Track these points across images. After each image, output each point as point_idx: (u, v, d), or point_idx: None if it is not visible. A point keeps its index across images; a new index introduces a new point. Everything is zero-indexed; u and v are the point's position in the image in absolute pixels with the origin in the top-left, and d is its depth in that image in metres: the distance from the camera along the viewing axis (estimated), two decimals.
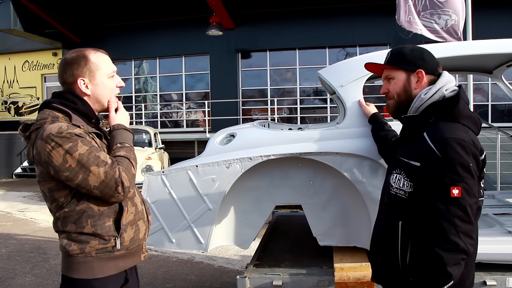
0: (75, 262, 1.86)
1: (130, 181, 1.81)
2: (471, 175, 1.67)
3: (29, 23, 15.46)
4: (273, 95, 16.84)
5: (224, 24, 15.89)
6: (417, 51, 1.97)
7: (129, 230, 1.95)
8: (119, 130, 1.99)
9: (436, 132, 1.76)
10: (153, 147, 10.81)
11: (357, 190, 2.82)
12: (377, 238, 2.06)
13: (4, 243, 6.76)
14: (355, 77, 2.83)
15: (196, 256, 5.80)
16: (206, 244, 3.02)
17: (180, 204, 3.02)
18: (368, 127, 2.75)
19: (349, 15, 15.12)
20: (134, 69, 18.39)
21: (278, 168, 3.04)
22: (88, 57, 1.93)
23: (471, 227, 1.67)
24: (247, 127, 3.29)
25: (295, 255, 3.29)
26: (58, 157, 1.72)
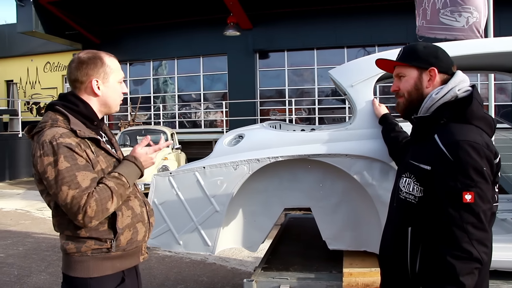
0: (72, 261, 1.90)
1: (97, 213, 1.76)
2: (485, 180, 1.58)
3: (50, 25, 15.67)
4: (291, 96, 16.75)
5: (242, 24, 15.86)
6: (431, 48, 1.88)
7: (126, 232, 1.95)
8: (130, 163, 1.98)
9: (447, 134, 1.67)
10: (170, 147, 10.82)
11: (367, 193, 2.74)
12: (386, 244, 1.99)
13: (22, 241, 6.85)
14: (365, 77, 2.76)
15: (209, 257, 5.77)
16: (213, 246, 2.98)
17: (187, 205, 2.98)
18: (379, 128, 2.66)
19: (368, 14, 14.92)
20: (153, 69, 18.49)
21: (287, 170, 2.97)
22: (104, 60, 1.98)
23: (485, 234, 1.58)
24: (256, 128, 3.24)
25: (304, 258, 3.22)
26: (42, 165, 1.78)
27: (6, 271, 5.47)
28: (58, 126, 1.84)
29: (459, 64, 3.08)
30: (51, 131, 1.81)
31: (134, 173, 1.96)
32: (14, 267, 5.60)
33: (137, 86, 18.93)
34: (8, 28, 19.98)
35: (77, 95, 1.97)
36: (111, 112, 2.11)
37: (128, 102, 17.87)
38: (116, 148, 2.18)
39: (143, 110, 18.37)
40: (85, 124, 1.94)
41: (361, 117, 2.76)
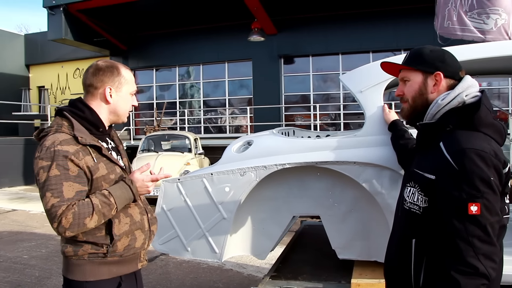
0: (70, 264, 1.95)
1: (72, 225, 1.78)
2: (492, 190, 1.49)
3: (79, 32, 16.05)
4: (316, 101, 16.63)
5: (266, 29, 15.86)
6: (437, 52, 1.80)
7: (123, 239, 1.98)
8: (125, 185, 1.97)
9: (453, 142, 1.58)
10: (193, 152, 10.89)
11: (377, 201, 2.67)
12: (391, 256, 1.91)
13: (45, 244, 6.98)
14: (374, 83, 2.69)
15: (226, 264, 5.74)
16: (221, 253, 2.96)
17: (195, 212, 2.97)
18: (388, 135, 2.59)
19: (393, 18, 14.71)
20: (178, 75, 18.68)
21: (296, 177, 2.93)
22: (120, 70, 2.05)
23: (493, 248, 1.48)
24: (265, 134, 3.21)
25: (315, 267, 3.16)
26: (36, 167, 1.84)
27: (28, 272, 5.58)
28: (62, 131, 1.89)
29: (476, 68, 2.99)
30: (53, 136, 1.86)
31: (125, 196, 1.95)
32: (35, 268, 5.70)
33: (163, 92, 19.16)
34: (40, 36, 20.60)
35: (84, 102, 2.03)
36: (119, 122, 2.15)
37: (154, 107, 18.09)
38: (122, 155, 2.21)
39: (168, 115, 18.57)
40: (89, 130, 1.98)
41: (370, 124, 2.69)
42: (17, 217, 9.35)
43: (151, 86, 19.19)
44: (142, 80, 19.40)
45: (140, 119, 19.27)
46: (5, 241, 7.24)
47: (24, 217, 9.34)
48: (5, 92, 19.88)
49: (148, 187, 2.06)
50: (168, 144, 11.49)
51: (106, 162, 1.97)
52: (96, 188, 1.91)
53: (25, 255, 6.40)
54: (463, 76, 1.77)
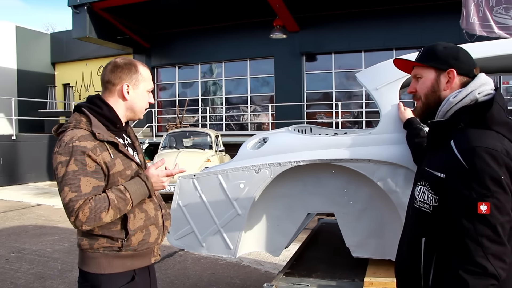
0: (86, 257, 1.99)
1: (89, 219, 1.82)
2: (503, 190, 1.45)
3: (102, 30, 16.31)
4: (339, 98, 16.51)
5: (288, 27, 15.82)
6: (451, 49, 1.76)
7: (138, 234, 2.02)
8: (140, 181, 2.01)
9: (464, 140, 1.55)
10: (214, 149, 10.95)
11: (391, 200, 2.65)
12: (401, 255, 1.89)
13: (68, 238, 7.13)
14: (390, 80, 2.67)
15: (244, 260, 5.78)
16: (235, 249, 2.98)
17: (210, 208, 3.00)
18: (403, 133, 2.56)
19: (417, 15, 14.50)
20: (201, 72, 18.79)
21: (311, 174, 2.92)
22: (138, 68, 2.09)
23: (503, 248, 1.45)
24: (280, 132, 3.21)
25: (329, 265, 3.16)
26: (55, 162, 1.88)
27: (51, 265, 5.72)
28: (80, 127, 1.92)
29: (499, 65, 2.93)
30: (72, 132, 1.90)
31: (140, 192, 1.98)
32: (58, 262, 5.84)
33: (185, 89, 19.31)
34: (66, 34, 21.01)
35: (102, 98, 2.06)
36: (136, 118, 2.18)
37: (176, 104, 18.26)
38: (138, 151, 2.24)
39: (191, 112, 18.70)
40: (107, 127, 2.02)
41: (385, 121, 2.67)
42: (41, 211, 9.59)
43: (173, 83, 19.37)
44: (165, 77, 19.61)
45: (163, 116, 19.46)
46: (30, 234, 7.42)
47: (48, 211, 9.57)
48: (32, 90, 20.38)
49: (163, 182, 2.08)
50: (189, 141, 11.57)
51: (123, 158, 2.00)
52: (112, 183, 1.94)
53: (49, 248, 6.55)
54: (477, 74, 1.74)
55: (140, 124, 17.27)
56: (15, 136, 14.48)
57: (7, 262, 5.85)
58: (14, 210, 9.72)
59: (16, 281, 5.12)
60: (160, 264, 5.67)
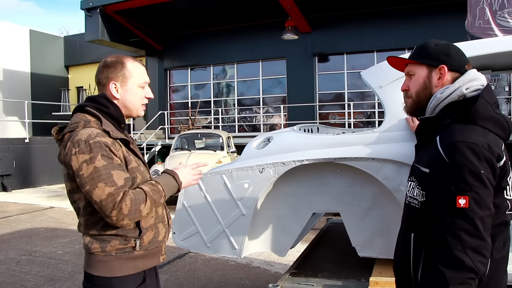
0: (96, 260, 1.93)
1: (130, 212, 1.78)
2: (483, 184, 1.47)
3: (115, 33, 16.46)
4: (351, 99, 16.43)
5: (300, 28, 15.80)
6: (442, 46, 1.77)
7: (149, 232, 1.99)
8: (167, 175, 2.04)
9: (446, 135, 1.57)
10: (225, 151, 10.96)
11: (396, 199, 2.61)
12: (396, 251, 1.91)
13: (79, 240, 7.16)
14: (394, 78, 2.62)
15: (254, 261, 5.76)
16: (240, 250, 2.97)
17: (215, 208, 2.99)
18: (408, 131, 2.54)
19: (428, 14, 14.37)
20: (213, 74, 18.85)
21: (316, 174, 2.90)
22: (125, 64, 2.02)
23: (482, 242, 1.46)
24: (285, 131, 3.20)
25: (336, 265, 3.13)
26: (77, 162, 1.80)
27: (62, 267, 5.76)
28: (91, 126, 1.88)
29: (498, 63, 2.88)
30: (86, 130, 1.84)
31: (170, 184, 2.00)
32: (68, 264, 5.88)
33: (198, 91, 19.37)
34: (79, 37, 21.27)
35: (107, 97, 2.01)
36: (132, 116, 2.12)
37: (188, 106, 18.33)
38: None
39: (203, 114, 18.76)
40: (114, 126, 1.99)
41: (390, 120, 2.64)
42: (54, 214, 9.69)
43: (186, 85, 19.45)
44: (177, 79, 19.70)
45: (176, 118, 19.55)
46: (42, 237, 7.50)
47: (61, 214, 9.66)
48: (46, 93, 20.65)
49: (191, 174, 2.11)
50: (201, 142, 11.61)
51: (133, 156, 1.99)
52: (132, 178, 1.91)
53: (60, 250, 6.61)
54: (468, 70, 1.74)
55: (153, 126, 17.37)
56: (28, 139, 14.67)
57: (18, 265, 5.90)
58: (27, 213, 9.83)
59: (26, 283, 5.16)
60: (170, 265, 5.69)
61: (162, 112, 18.06)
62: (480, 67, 2.90)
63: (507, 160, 1.57)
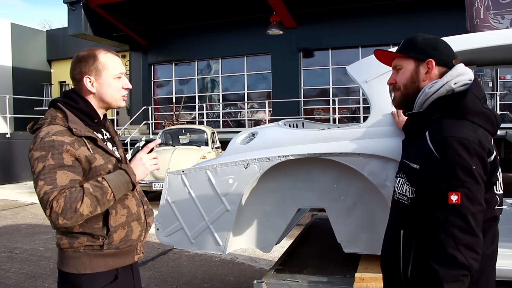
0: (66, 256, 1.92)
1: (64, 210, 1.71)
2: (474, 180, 1.45)
3: (98, 27, 16.22)
4: (336, 94, 16.47)
5: (285, 23, 15.76)
6: (430, 40, 1.76)
7: (119, 231, 1.94)
8: (120, 170, 1.92)
9: (436, 131, 1.55)
10: (210, 146, 10.90)
11: (382, 194, 2.60)
12: (384, 248, 1.89)
13: None
14: (380, 72, 2.60)
15: (238, 257, 5.74)
16: (225, 246, 2.93)
17: (199, 204, 2.95)
18: (394, 126, 2.53)
19: (414, 10, 14.46)
20: (197, 69, 18.73)
21: (302, 169, 2.87)
22: (97, 57, 1.96)
23: (474, 239, 1.45)
24: (270, 126, 3.16)
25: (321, 261, 3.12)
26: (31, 158, 1.80)
27: (43, 264, 5.67)
28: (56, 123, 1.85)
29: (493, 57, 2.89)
30: (48, 128, 1.83)
31: (119, 179, 1.88)
32: (50, 260, 5.78)
33: (182, 86, 19.25)
34: (62, 31, 20.95)
35: (78, 92, 1.98)
36: (112, 107, 2.07)
37: (173, 101, 18.20)
38: (118, 146, 2.17)
39: (188, 109, 18.65)
40: (84, 122, 1.94)
41: (375, 114, 2.62)
42: (35, 210, 9.52)
43: (170, 80, 19.30)
44: (162, 74, 19.55)
45: (160, 113, 19.40)
46: (23, 233, 7.38)
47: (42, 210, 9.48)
48: (28, 88, 20.26)
49: (142, 159, 1.99)
50: (186, 138, 11.53)
51: (102, 153, 1.93)
52: (94, 178, 1.86)
53: (41, 247, 6.51)
54: (456, 64, 1.72)
55: (137, 121, 17.22)
56: (9, 134, 14.43)
57: None
58: (8, 209, 9.67)
59: (7, 281, 5.07)
60: (153, 262, 5.63)
61: (146, 107, 17.92)
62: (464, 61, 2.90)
63: (497, 155, 1.56)
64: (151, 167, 2.03)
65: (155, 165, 2.06)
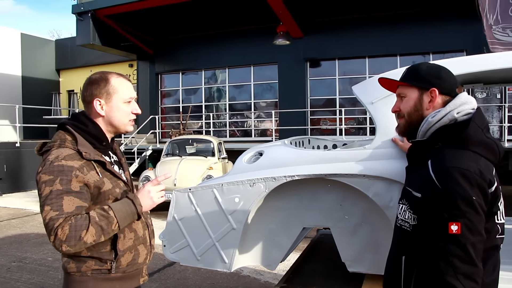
0: (72, 280, 1.92)
1: (68, 238, 1.71)
2: (475, 210, 1.48)
3: (106, 37, 16.41)
4: (343, 105, 16.48)
5: (292, 33, 15.84)
6: (434, 68, 1.79)
7: (127, 254, 1.96)
8: (127, 199, 1.93)
9: (439, 160, 1.58)
10: (216, 156, 10.94)
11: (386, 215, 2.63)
12: (386, 272, 1.91)
13: None
14: (386, 94, 2.62)
15: (244, 270, 5.75)
16: (230, 263, 2.96)
17: (206, 222, 2.99)
18: (398, 148, 2.55)
19: (420, 21, 14.47)
20: (204, 79, 18.82)
21: (307, 189, 2.90)
22: (109, 80, 1.98)
23: (474, 269, 1.47)
24: (276, 145, 3.19)
25: (325, 279, 3.13)
26: (39, 181, 1.80)
27: (52, 274, 5.72)
28: (66, 146, 1.86)
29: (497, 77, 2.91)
30: (57, 151, 1.84)
31: (126, 210, 1.89)
32: (58, 271, 5.81)
33: (189, 95, 19.35)
34: (70, 41, 21.15)
35: (87, 115, 2.00)
36: (120, 132, 2.09)
37: (180, 111, 18.29)
38: (125, 168, 2.18)
39: (194, 119, 18.73)
40: (93, 144, 1.96)
41: (380, 136, 2.65)
42: None
43: (177, 89, 19.42)
44: (169, 83, 19.67)
45: (167, 122, 19.50)
46: (32, 243, 7.43)
47: None
48: (37, 97, 20.51)
49: (150, 193, 1.99)
50: (192, 148, 11.58)
51: (110, 176, 1.94)
52: (102, 203, 1.88)
53: (50, 257, 6.55)
54: (459, 93, 1.75)
55: (144, 130, 17.31)
56: (19, 143, 14.55)
57: (8, 272, 5.85)
58: (17, 218, 9.74)
59: None
60: (159, 273, 5.66)
61: (154, 117, 18.02)
62: (471, 80, 2.93)
63: (498, 185, 1.58)
64: (158, 200, 2.03)
65: (162, 197, 2.06)
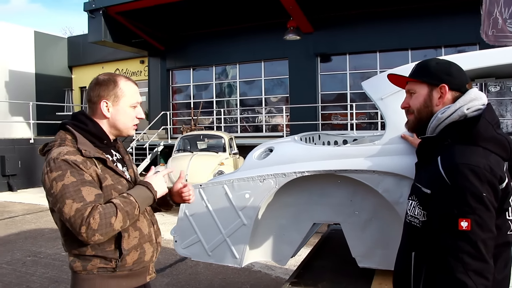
0: (79, 279, 1.92)
1: (100, 226, 1.72)
2: (485, 207, 1.47)
3: (118, 34, 16.47)
4: (354, 99, 16.40)
5: (302, 28, 15.78)
6: (443, 64, 1.78)
7: (132, 253, 1.96)
8: (141, 186, 1.97)
9: (448, 157, 1.57)
10: (227, 152, 10.97)
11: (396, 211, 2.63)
12: (396, 268, 1.92)
13: None
14: (395, 90, 2.63)
15: (255, 265, 5.78)
16: (241, 259, 2.99)
17: (216, 217, 3.02)
18: (408, 144, 2.55)
19: (432, 15, 14.30)
20: (215, 74, 18.86)
21: (317, 184, 2.92)
22: (118, 83, 1.99)
23: (484, 265, 1.47)
24: (286, 141, 3.21)
25: (336, 275, 3.15)
26: (48, 181, 1.79)
27: (65, 269, 5.77)
28: (65, 145, 1.88)
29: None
30: (58, 149, 1.85)
31: (144, 195, 1.93)
32: None
33: (200, 91, 19.39)
34: (82, 38, 21.31)
35: (87, 114, 2.01)
36: (123, 135, 2.09)
37: (191, 107, 18.36)
38: (128, 166, 2.17)
39: (205, 114, 18.79)
40: (93, 143, 1.96)
41: (390, 132, 2.65)
42: None
43: (188, 85, 19.47)
44: (180, 79, 19.74)
45: (178, 118, 19.58)
46: (46, 238, 7.55)
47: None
48: (50, 93, 20.69)
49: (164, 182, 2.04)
50: (203, 143, 11.62)
51: (111, 174, 1.95)
52: (106, 197, 1.88)
53: (63, 252, 6.56)
54: (469, 89, 1.74)
55: (155, 126, 17.40)
56: (33, 139, 14.74)
57: (24, 266, 5.97)
58: (32, 213, 9.89)
59: (32, 285, 5.23)
60: (171, 268, 5.72)
61: (165, 112, 18.08)
62: (482, 75, 2.92)
63: (509, 181, 1.57)
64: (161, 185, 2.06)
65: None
